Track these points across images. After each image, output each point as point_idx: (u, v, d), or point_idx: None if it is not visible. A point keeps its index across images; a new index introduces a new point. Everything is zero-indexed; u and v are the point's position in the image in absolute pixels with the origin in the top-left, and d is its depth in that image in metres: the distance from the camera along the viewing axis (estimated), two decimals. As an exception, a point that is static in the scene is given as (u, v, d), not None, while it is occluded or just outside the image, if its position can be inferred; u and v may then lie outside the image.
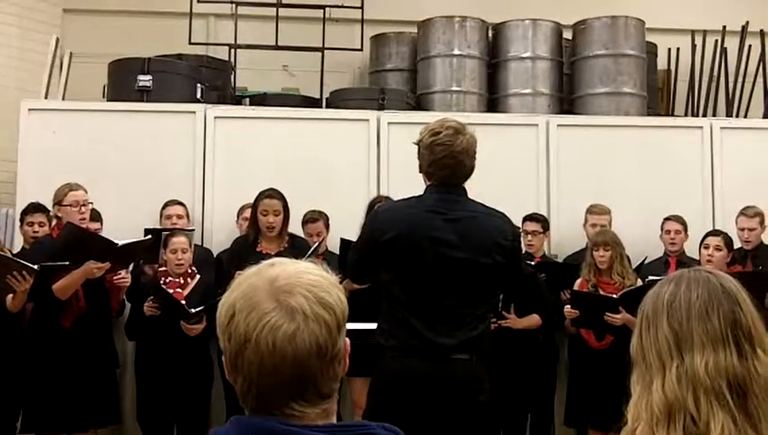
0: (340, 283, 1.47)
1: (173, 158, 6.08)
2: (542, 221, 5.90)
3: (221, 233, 5.90)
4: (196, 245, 5.49)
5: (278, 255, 4.86)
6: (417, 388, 2.86)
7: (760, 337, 1.55)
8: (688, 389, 1.49)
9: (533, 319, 5.34)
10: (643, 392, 1.56)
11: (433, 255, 3.21)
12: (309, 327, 1.37)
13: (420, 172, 3.41)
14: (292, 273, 1.43)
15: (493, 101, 7.29)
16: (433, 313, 3.21)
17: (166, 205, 5.73)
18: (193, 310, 4.94)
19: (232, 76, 7.35)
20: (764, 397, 1.49)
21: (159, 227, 5.52)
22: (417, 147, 3.38)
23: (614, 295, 5.13)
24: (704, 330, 1.52)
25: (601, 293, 5.27)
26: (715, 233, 5.58)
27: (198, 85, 6.62)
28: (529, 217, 5.87)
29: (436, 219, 3.28)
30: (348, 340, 1.46)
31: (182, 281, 5.15)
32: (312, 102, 7.21)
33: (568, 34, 7.50)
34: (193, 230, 5.62)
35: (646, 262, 5.73)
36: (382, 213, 3.55)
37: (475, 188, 5.96)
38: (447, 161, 3.30)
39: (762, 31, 8.13)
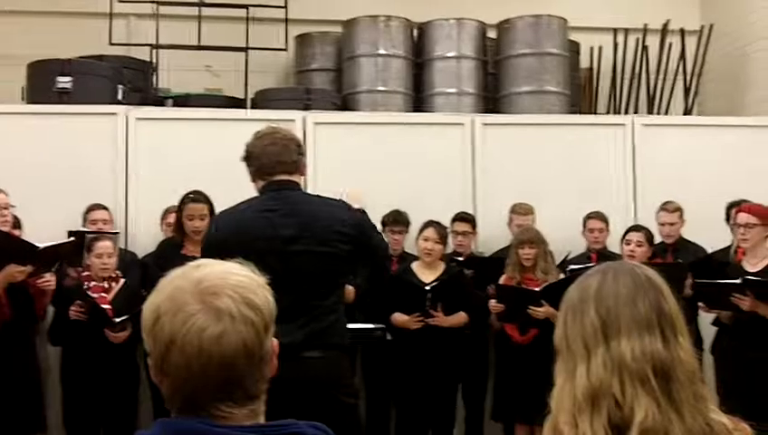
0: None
1: (95, 160, 5.95)
2: (471, 221, 5.96)
3: (146, 236, 5.80)
4: (120, 248, 5.39)
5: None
6: (273, 392, 2.78)
7: (681, 325, 1.60)
8: (614, 373, 1.53)
9: (461, 316, 5.38)
10: (566, 381, 1.58)
11: (270, 253, 3.13)
12: (236, 328, 1.36)
13: (253, 181, 3.43)
14: (219, 274, 1.42)
15: (419, 100, 7.34)
16: (279, 311, 3.13)
17: (89, 209, 5.62)
18: (117, 319, 4.86)
19: (154, 77, 7.23)
20: (686, 381, 1.54)
21: (83, 229, 5.41)
22: (245, 162, 3.43)
23: (536, 289, 5.21)
24: (631, 316, 1.56)
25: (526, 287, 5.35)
26: (636, 228, 5.69)
27: (120, 86, 6.51)
28: (459, 218, 5.92)
29: (268, 217, 3.28)
30: (276, 340, 1.46)
31: (106, 285, 5.06)
32: (237, 103, 7.15)
33: (492, 34, 7.59)
34: (117, 234, 5.53)
35: (569, 257, 5.83)
36: (216, 221, 3.49)
37: (401, 187, 6.08)
38: (272, 148, 3.35)
39: (682, 29, 8.35)
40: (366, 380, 5.74)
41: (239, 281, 1.41)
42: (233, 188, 5.86)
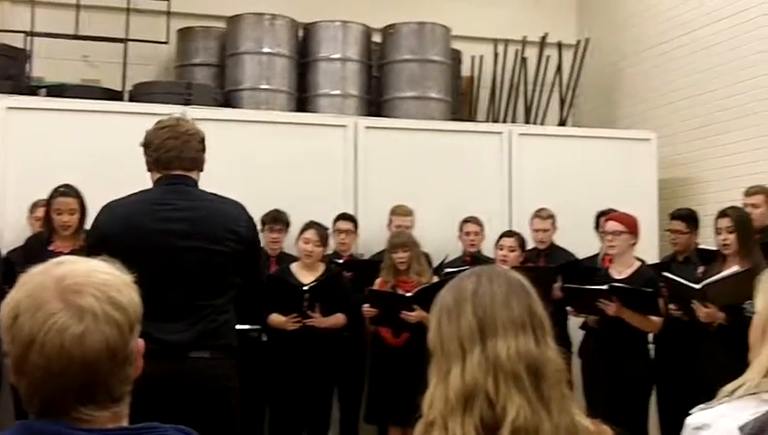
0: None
1: (-40, 150, 5.68)
2: (353, 220, 6.02)
3: (11, 231, 5.56)
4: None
5: (73, 253, 4.63)
6: (157, 392, 2.61)
7: (548, 327, 1.66)
8: (489, 373, 1.56)
9: (338, 318, 5.39)
10: (439, 383, 1.61)
11: (160, 247, 3.07)
12: (99, 328, 1.32)
13: (148, 171, 3.29)
14: (82, 272, 1.37)
15: (302, 100, 7.32)
16: (164, 310, 3.00)
17: (-51, 202, 5.37)
18: None
19: (27, 65, 6.95)
20: (555, 380, 1.59)
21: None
22: (144, 149, 3.28)
23: (408, 294, 5.28)
24: (507, 317, 1.60)
25: (399, 291, 5.40)
26: (509, 234, 5.83)
27: (-11, 74, 6.23)
28: (342, 217, 5.98)
29: (161, 211, 3.17)
30: (141, 340, 1.42)
31: (-33, 281, 4.83)
32: (114, 95, 6.95)
33: (377, 38, 7.64)
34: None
35: (446, 260, 5.93)
36: (100, 214, 3.34)
37: (282, 187, 6.05)
38: (172, 142, 3.21)
39: (559, 43, 8.61)
40: (240, 380, 5.66)
41: (103, 279, 1.37)
42: (107, 182, 5.70)
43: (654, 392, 5.50)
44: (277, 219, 5.76)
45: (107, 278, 1.38)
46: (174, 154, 3.21)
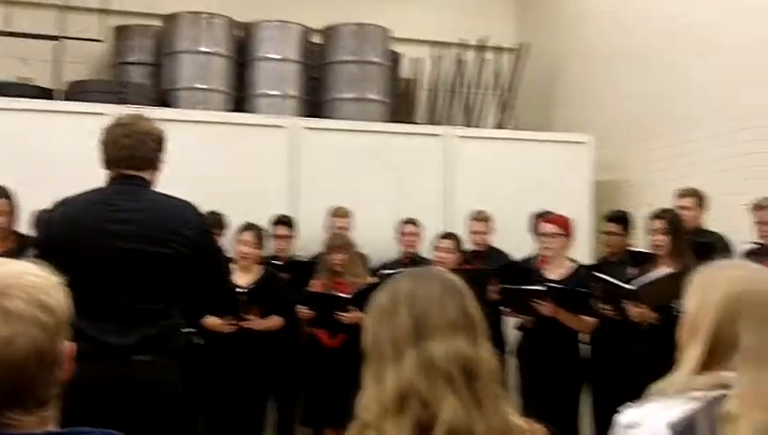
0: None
1: None
2: (290, 225, 5.98)
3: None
4: None
5: (3, 255, 4.51)
6: (97, 395, 2.70)
7: (483, 327, 1.67)
8: (424, 374, 1.56)
9: (275, 320, 5.35)
10: (373, 384, 1.61)
11: (100, 248, 3.03)
12: (27, 331, 1.30)
13: (104, 169, 3.23)
14: (10, 274, 1.35)
15: (240, 100, 7.27)
16: (103, 312, 2.99)
17: None
18: None
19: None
20: (489, 380, 1.60)
21: None
22: (99, 147, 3.21)
23: (346, 295, 5.28)
24: (442, 317, 1.61)
25: (335, 293, 5.40)
26: (446, 236, 5.86)
27: None
28: (279, 221, 5.93)
29: (105, 211, 3.11)
30: (71, 343, 1.39)
31: None
32: (47, 94, 6.81)
33: (317, 38, 7.62)
34: None
35: (385, 261, 5.95)
36: (49, 211, 3.26)
37: (220, 188, 5.99)
38: (126, 141, 3.15)
39: (498, 46, 8.70)
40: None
41: (32, 282, 1.35)
42: (41, 182, 5.59)
43: (590, 391, 5.58)
44: (213, 222, 5.69)
45: (35, 281, 1.35)
46: (126, 153, 3.15)
